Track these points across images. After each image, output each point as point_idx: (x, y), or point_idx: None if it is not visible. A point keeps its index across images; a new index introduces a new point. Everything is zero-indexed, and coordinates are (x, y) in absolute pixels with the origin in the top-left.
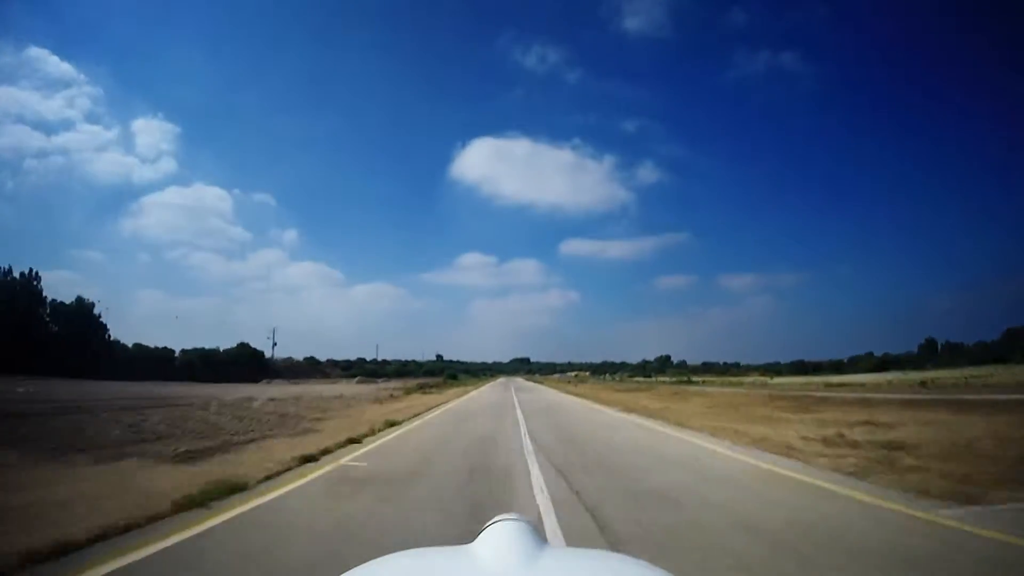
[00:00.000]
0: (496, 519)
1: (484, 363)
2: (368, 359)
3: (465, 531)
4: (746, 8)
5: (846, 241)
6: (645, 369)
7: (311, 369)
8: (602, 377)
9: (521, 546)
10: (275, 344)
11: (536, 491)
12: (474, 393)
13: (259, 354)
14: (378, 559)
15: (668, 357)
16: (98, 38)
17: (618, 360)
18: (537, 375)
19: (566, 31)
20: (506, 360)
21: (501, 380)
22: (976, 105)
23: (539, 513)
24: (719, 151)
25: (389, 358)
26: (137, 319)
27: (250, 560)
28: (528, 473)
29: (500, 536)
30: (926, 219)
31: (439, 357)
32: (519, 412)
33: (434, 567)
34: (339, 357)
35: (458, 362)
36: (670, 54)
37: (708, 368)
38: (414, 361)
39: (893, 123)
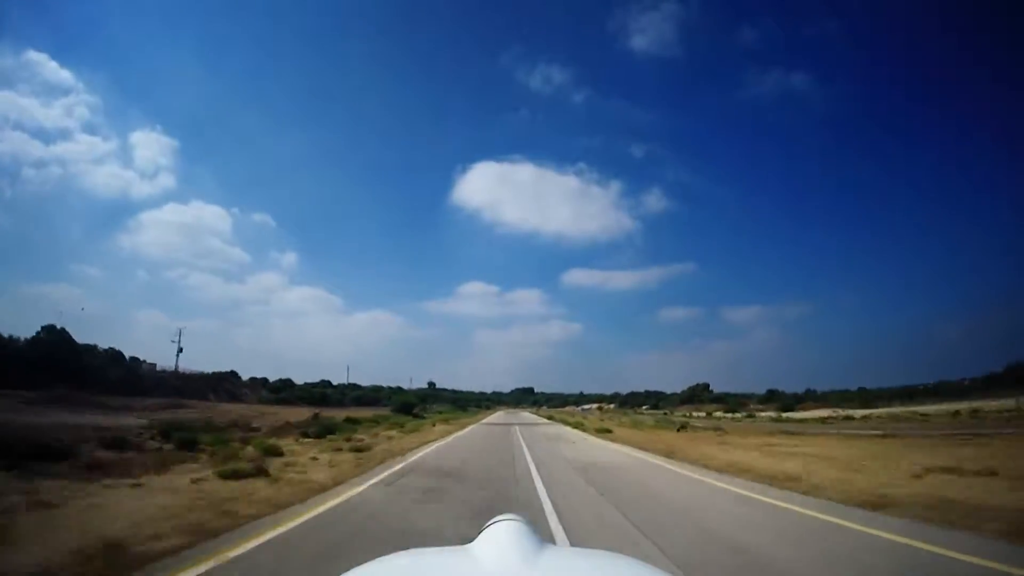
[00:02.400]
0: (496, 519)
1: (483, 393)
2: (335, 383)
3: None
4: (756, 25)
5: (859, 269)
6: (694, 400)
7: (203, 387)
8: (636, 412)
9: (521, 546)
10: (180, 350)
11: None
12: None
13: (79, 350)
14: (378, 559)
15: (707, 385)
16: (96, 45)
17: (627, 390)
18: (545, 407)
19: (572, 49)
20: (507, 390)
21: (498, 417)
22: (994, 130)
23: None
24: (727, 177)
25: (369, 383)
26: (139, 338)
27: None
28: None
29: (500, 536)
30: (938, 245)
31: (431, 385)
32: None
33: (434, 567)
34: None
35: (452, 391)
36: (678, 74)
37: (774, 398)
38: (399, 388)
39: (906, 148)
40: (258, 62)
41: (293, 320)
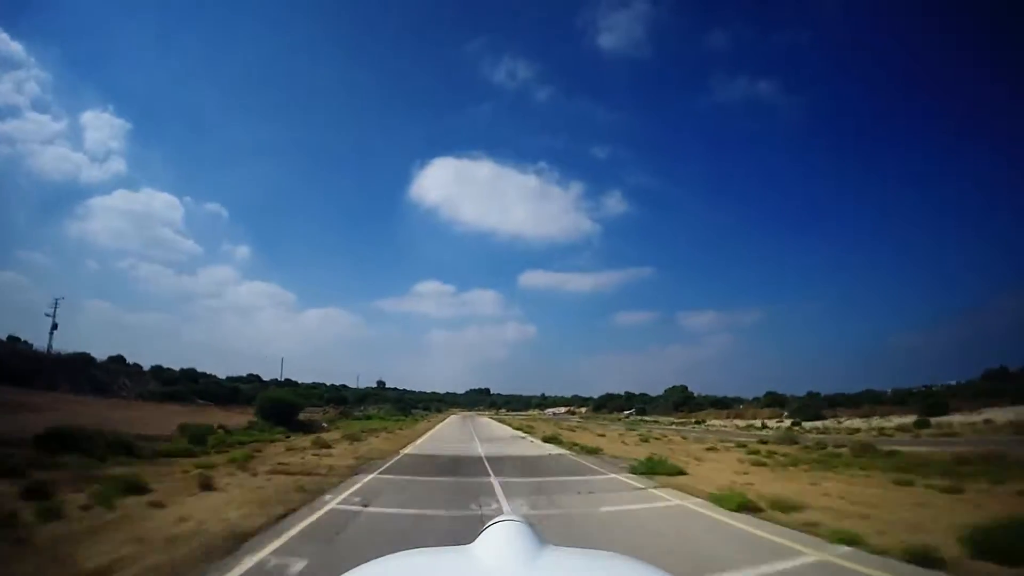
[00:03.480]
0: (496, 519)
1: (435, 393)
2: (267, 378)
3: None
4: (727, 30)
5: (817, 276)
6: (689, 404)
7: (55, 372)
8: (634, 420)
9: (521, 546)
10: (55, 327)
11: None
12: None
13: None
14: (378, 559)
15: (685, 388)
16: (49, 17)
17: (587, 393)
18: (504, 410)
19: (538, 43)
20: (462, 391)
21: (449, 429)
22: (961, 138)
23: None
24: (689, 181)
25: (321, 381)
26: (87, 330)
27: None
28: None
29: (500, 536)
30: (898, 253)
31: (380, 384)
32: None
33: (434, 567)
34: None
35: (402, 391)
36: (646, 76)
37: (777, 402)
38: (343, 386)
39: (870, 156)
40: (212, 45)
41: (245, 316)
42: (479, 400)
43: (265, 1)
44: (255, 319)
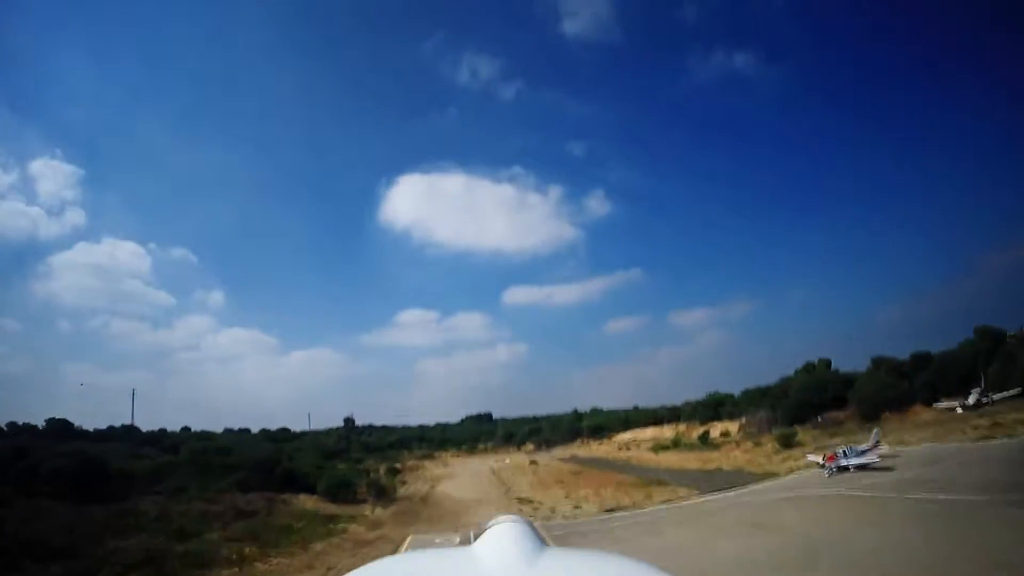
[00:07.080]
0: (496, 520)
1: (423, 427)
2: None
3: None
4: (699, 3)
5: (802, 259)
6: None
7: None
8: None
9: (521, 546)
10: None
11: None
12: None
13: None
14: (380, 559)
15: (829, 362)
16: None
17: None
18: (530, 443)
19: (498, 36)
20: (456, 420)
21: None
22: (956, 112)
23: None
24: (673, 173)
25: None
26: (67, 396)
27: None
28: None
29: (501, 537)
30: (883, 226)
31: (348, 422)
32: None
33: (435, 567)
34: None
35: (381, 427)
36: (618, 61)
37: None
38: (284, 430)
39: (860, 129)
40: (151, 67)
41: (226, 365)
42: (480, 431)
43: (204, 13)
44: (238, 368)
